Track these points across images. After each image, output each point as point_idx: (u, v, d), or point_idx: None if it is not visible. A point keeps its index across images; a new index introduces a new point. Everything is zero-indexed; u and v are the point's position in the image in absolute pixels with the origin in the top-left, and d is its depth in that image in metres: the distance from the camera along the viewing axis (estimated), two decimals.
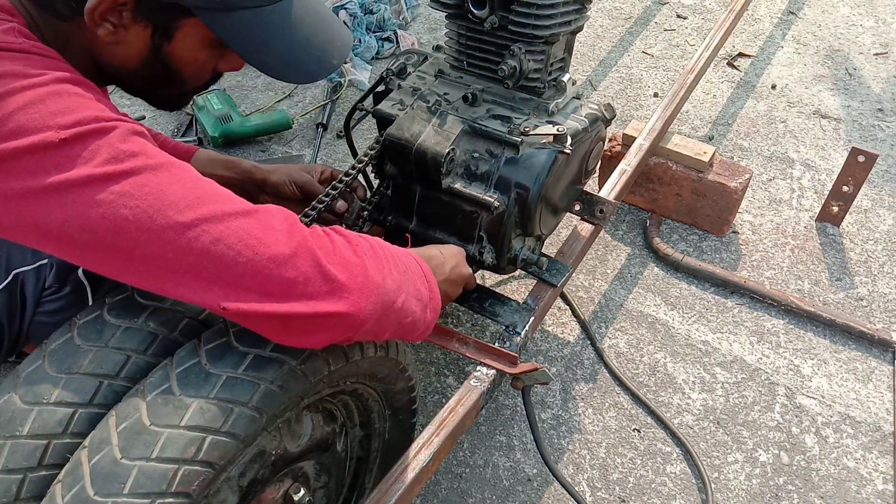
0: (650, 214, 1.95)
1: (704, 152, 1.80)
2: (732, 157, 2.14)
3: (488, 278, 1.77)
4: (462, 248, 1.28)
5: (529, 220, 1.29)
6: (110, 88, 1.09)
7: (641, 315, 1.72)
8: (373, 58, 2.57)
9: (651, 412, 1.53)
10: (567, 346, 1.66)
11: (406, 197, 1.34)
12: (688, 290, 1.78)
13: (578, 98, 1.38)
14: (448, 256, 1.20)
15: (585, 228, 1.53)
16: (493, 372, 1.21)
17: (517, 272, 1.67)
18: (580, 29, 1.31)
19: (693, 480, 1.43)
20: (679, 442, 1.48)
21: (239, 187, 1.40)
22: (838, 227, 1.92)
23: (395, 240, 1.16)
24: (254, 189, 1.43)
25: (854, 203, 1.91)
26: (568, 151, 1.23)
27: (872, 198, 2.01)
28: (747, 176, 1.81)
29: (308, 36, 0.98)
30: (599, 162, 1.55)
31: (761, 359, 1.63)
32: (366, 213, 1.36)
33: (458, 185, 1.27)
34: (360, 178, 1.38)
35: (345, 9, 2.66)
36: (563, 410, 1.54)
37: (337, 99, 2.37)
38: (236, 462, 0.88)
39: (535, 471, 1.44)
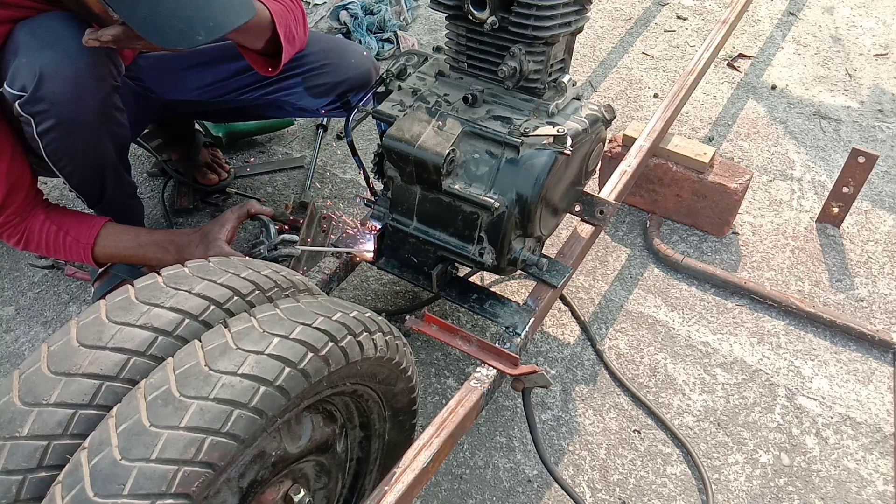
0: (650, 215, 1.95)
1: (705, 153, 1.80)
2: (733, 158, 2.14)
3: (488, 279, 1.77)
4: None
5: (529, 221, 1.29)
6: None
7: (642, 316, 1.72)
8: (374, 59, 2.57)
9: (651, 413, 1.53)
10: (567, 348, 1.66)
11: (406, 198, 1.34)
12: (688, 291, 1.78)
13: (578, 99, 1.38)
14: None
15: (585, 229, 1.53)
16: (493, 373, 1.21)
17: (517, 273, 1.67)
18: (580, 30, 1.31)
19: (693, 481, 1.43)
20: (679, 443, 1.48)
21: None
22: (838, 227, 1.92)
23: (396, 239, 1.16)
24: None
25: (854, 204, 1.91)
26: (568, 152, 1.23)
27: (873, 199, 2.01)
28: (747, 177, 1.81)
29: (174, 9, 1.17)
30: (599, 163, 1.55)
31: (762, 360, 1.63)
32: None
33: (459, 187, 1.27)
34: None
35: (346, 9, 2.67)
36: (563, 411, 1.54)
37: None
38: (236, 463, 0.88)
39: (535, 472, 1.44)
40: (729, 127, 2.25)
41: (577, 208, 1.52)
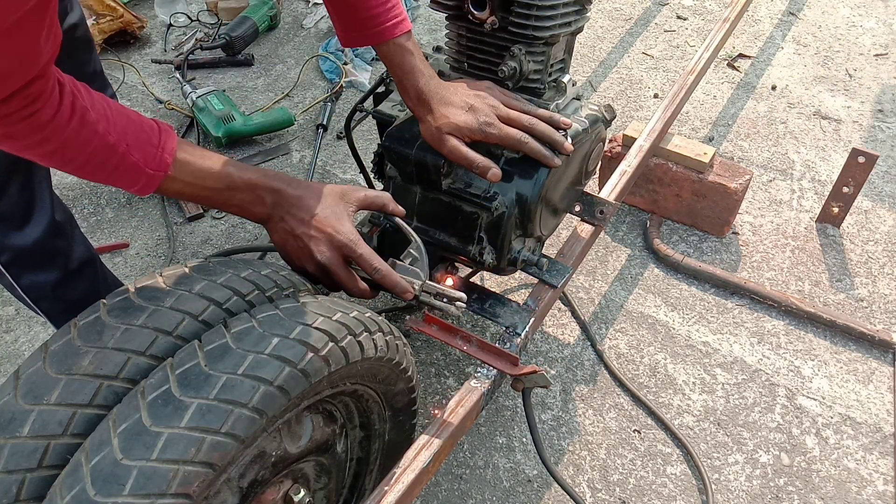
0: (650, 215, 1.95)
1: (705, 153, 1.80)
2: (733, 158, 2.14)
3: (488, 279, 1.77)
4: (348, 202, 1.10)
5: (529, 221, 1.29)
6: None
7: (642, 316, 1.72)
8: (373, 59, 2.57)
9: (651, 413, 1.53)
10: (567, 348, 1.66)
11: (406, 198, 1.34)
12: (688, 291, 1.78)
13: (579, 99, 1.38)
14: (326, 204, 1.06)
15: (585, 229, 1.53)
16: (493, 373, 1.21)
17: (517, 273, 1.67)
18: (580, 30, 1.31)
19: (693, 481, 1.43)
20: (679, 443, 1.48)
21: None
22: (838, 227, 1.92)
23: (396, 239, 1.16)
24: None
25: (854, 204, 1.91)
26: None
27: (873, 199, 2.01)
28: (747, 177, 1.81)
29: None
30: (600, 163, 1.55)
31: (762, 360, 1.63)
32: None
33: (458, 187, 1.27)
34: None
35: None
36: (563, 412, 1.54)
37: (337, 98, 2.37)
38: (236, 463, 0.88)
39: (535, 472, 1.44)
40: (729, 127, 2.25)
41: (577, 208, 1.52)
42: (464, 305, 1.12)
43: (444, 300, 1.13)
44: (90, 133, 0.85)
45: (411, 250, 1.16)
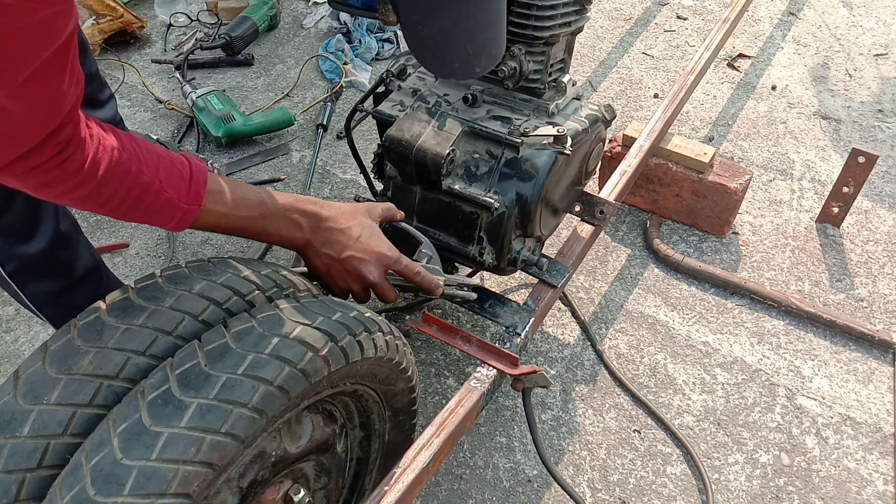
0: (650, 215, 1.95)
1: (705, 153, 1.80)
2: (733, 158, 2.14)
3: (488, 279, 1.77)
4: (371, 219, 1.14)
5: (529, 221, 1.29)
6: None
7: (642, 316, 1.72)
8: (373, 59, 2.57)
9: (651, 413, 1.53)
10: (567, 348, 1.66)
11: (406, 198, 1.34)
12: (688, 291, 1.78)
13: (578, 99, 1.38)
14: (360, 227, 1.10)
15: (585, 229, 1.53)
16: (493, 373, 1.21)
17: (517, 273, 1.67)
18: (580, 30, 1.31)
19: (693, 481, 1.43)
20: (679, 443, 1.47)
21: None
22: (838, 227, 1.92)
23: (396, 241, 1.16)
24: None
25: (854, 204, 1.91)
26: (568, 152, 1.23)
27: (873, 199, 2.01)
28: (747, 177, 1.81)
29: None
30: (599, 163, 1.55)
31: (762, 360, 1.63)
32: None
33: (458, 187, 1.27)
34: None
35: None
36: (563, 411, 1.54)
37: (336, 98, 2.37)
38: (236, 463, 0.88)
39: (535, 472, 1.44)
40: (729, 127, 2.25)
41: (577, 208, 1.52)
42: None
43: (465, 289, 1.24)
44: (123, 173, 0.85)
45: (424, 250, 1.20)
